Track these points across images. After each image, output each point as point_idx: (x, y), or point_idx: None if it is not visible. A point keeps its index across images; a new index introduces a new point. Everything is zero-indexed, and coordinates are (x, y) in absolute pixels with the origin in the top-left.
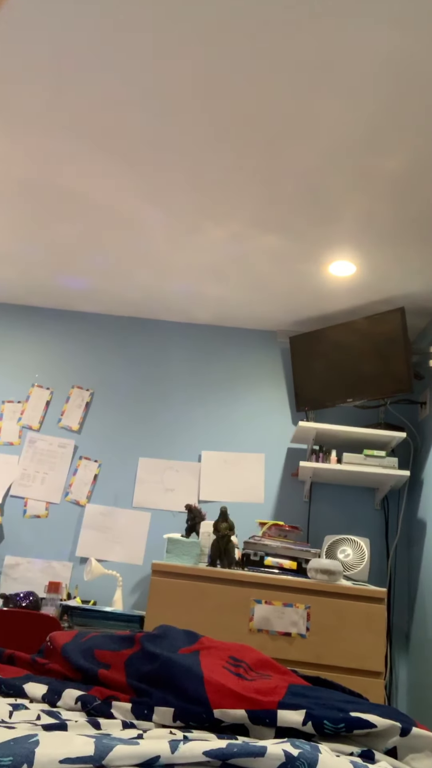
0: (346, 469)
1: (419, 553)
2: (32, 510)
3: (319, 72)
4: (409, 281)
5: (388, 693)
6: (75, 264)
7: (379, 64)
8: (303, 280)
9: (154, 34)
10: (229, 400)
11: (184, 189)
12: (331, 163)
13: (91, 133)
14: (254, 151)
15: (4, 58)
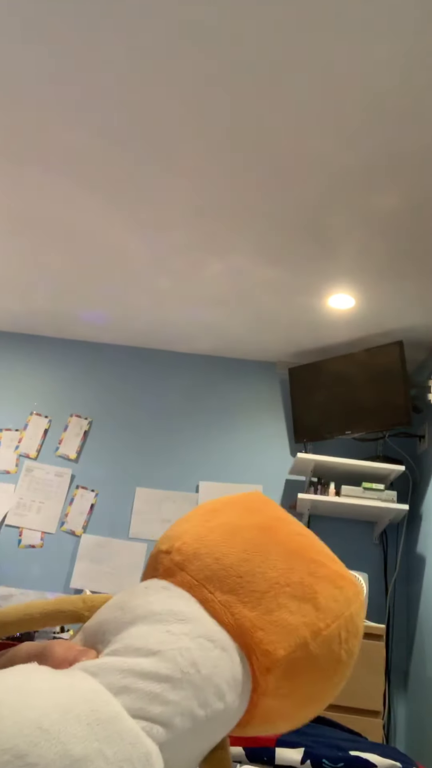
0: (345, 502)
1: (418, 589)
2: (27, 540)
3: (318, 111)
4: (407, 315)
5: (386, 733)
6: (77, 295)
7: (378, 103)
8: (302, 312)
9: (155, 68)
10: (228, 431)
11: (186, 223)
12: (330, 199)
13: (91, 169)
14: (255, 187)
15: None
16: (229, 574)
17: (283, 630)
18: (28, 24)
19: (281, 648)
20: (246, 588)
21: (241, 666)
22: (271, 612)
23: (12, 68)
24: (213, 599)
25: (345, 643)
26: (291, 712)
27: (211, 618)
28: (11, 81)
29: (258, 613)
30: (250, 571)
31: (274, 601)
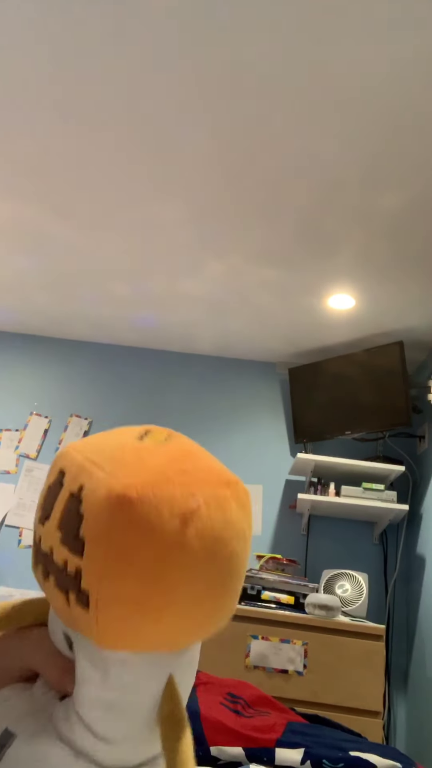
0: (345, 502)
1: (418, 589)
2: (27, 540)
3: (319, 111)
4: (407, 315)
5: (386, 733)
6: (77, 295)
7: (378, 103)
8: (302, 313)
9: (154, 68)
10: (228, 431)
11: (186, 224)
12: (330, 199)
13: (91, 169)
14: (254, 187)
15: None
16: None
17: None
18: (28, 25)
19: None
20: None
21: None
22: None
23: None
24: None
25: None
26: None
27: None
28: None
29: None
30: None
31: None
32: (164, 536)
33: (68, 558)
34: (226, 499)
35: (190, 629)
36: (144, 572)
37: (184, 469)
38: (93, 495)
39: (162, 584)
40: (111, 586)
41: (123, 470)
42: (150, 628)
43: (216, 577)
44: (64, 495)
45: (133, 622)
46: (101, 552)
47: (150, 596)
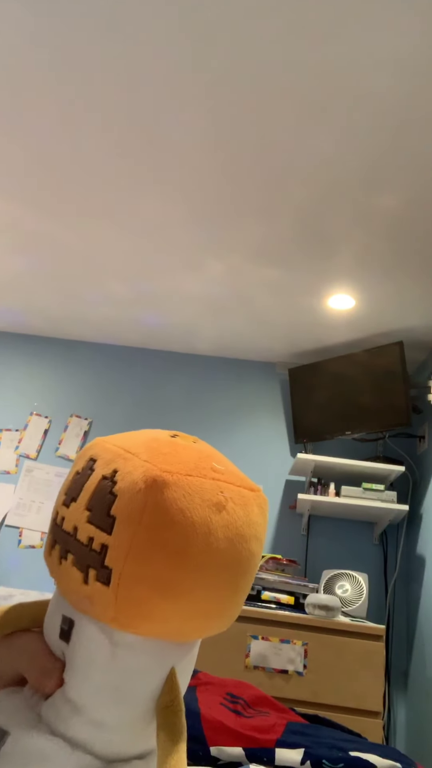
0: (345, 503)
1: (418, 589)
2: (27, 540)
3: (319, 111)
4: (407, 315)
5: (386, 733)
6: (77, 295)
7: (378, 103)
8: (302, 313)
9: (154, 67)
10: (228, 431)
11: (186, 224)
12: (330, 199)
13: (90, 169)
14: (254, 187)
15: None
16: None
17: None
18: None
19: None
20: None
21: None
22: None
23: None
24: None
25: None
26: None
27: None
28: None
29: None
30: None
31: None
32: (194, 521)
33: (95, 535)
34: (249, 500)
35: (201, 620)
36: (170, 553)
37: (214, 467)
38: (129, 476)
39: (185, 567)
40: (136, 564)
41: (159, 458)
42: (167, 611)
43: (234, 571)
44: (95, 478)
45: (152, 603)
46: (131, 530)
47: (172, 578)
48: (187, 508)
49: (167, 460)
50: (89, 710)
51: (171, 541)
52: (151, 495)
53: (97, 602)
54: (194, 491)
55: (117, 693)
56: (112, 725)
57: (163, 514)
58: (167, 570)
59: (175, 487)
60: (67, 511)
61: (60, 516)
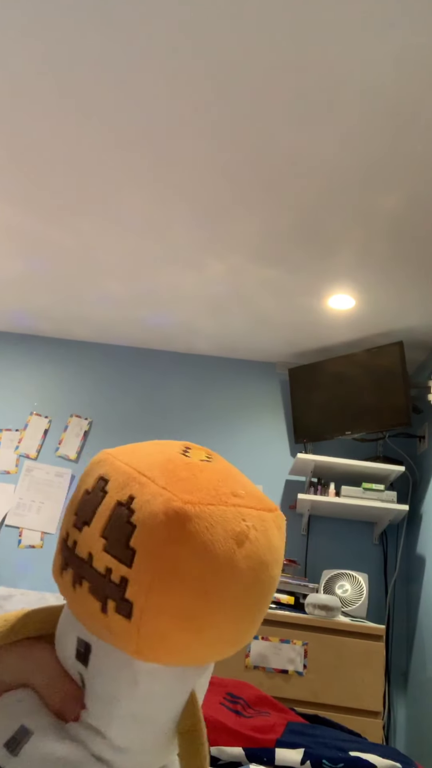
0: (345, 503)
1: (418, 589)
2: (27, 540)
3: (319, 111)
4: (407, 315)
5: (386, 733)
6: (76, 295)
7: (378, 103)
8: (302, 313)
9: (154, 68)
10: (228, 431)
11: (186, 224)
12: (330, 199)
13: (90, 170)
14: (254, 187)
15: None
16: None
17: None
18: (24, 21)
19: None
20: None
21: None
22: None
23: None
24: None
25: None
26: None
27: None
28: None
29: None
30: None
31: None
32: (217, 554)
33: (113, 566)
34: (270, 524)
35: (223, 646)
36: (193, 587)
37: (234, 491)
38: (148, 507)
39: (209, 601)
40: (159, 599)
41: (178, 485)
42: (190, 643)
43: (256, 598)
44: (109, 502)
45: (175, 635)
46: (153, 564)
47: (196, 611)
48: (210, 541)
49: (186, 488)
50: (112, 738)
51: (194, 576)
52: (173, 529)
53: (117, 634)
54: (217, 522)
55: (139, 720)
56: (133, 749)
57: (186, 548)
58: (190, 604)
59: (198, 520)
60: (79, 534)
61: (72, 539)
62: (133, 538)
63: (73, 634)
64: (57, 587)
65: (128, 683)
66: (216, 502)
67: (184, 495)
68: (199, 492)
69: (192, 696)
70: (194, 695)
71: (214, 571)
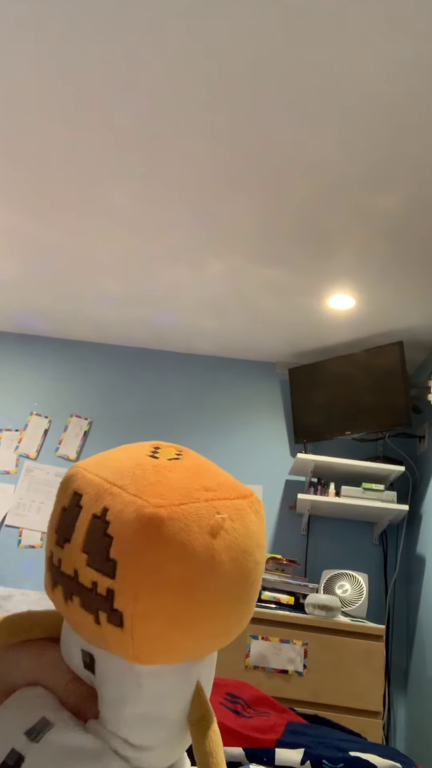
0: (345, 503)
1: (418, 589)
2: (27, 540)
3: (319, 111)
4: (407, 315)
5: (386, 733)
6: (77, 295)
7: (378, 103)
8: (302, 313)
9: (154, 69)
10: (228, 431)
11: (186, 224)
12: (329, 199)
13: (90, 169)
14: (254, 187)
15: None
16: None
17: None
18: (23, 22)
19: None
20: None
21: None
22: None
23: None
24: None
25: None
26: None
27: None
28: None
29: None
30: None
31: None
32: (196, 552)
33: (98, 579)
34: (246, 511)
35: (218, 637)
36: (178, 588)
37: (205, 485)
38: (121, 516)
39: (195, 598)
40: (146, 604)
41: (148, 490)
42: (184, 641)
43: (242, 586)
44: (85, 517)
45: (168, 636)
46: (135, 572)
47: (184, 610)
48: (187, 540)
49: (157, 491)
50: (128, 738)
51: (177, 577)
52: (148, 535)
53: (112, 642)
54: (191, 520)
55: (150, 719)
56: (148, 746)
57: (164, 552)
58: (178, 604)
59: (172, 522)
60: (62, 552)
61: (56, 557)
62: (113, 550)
63: (77, 646)
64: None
65: (133, 686)
66: (188, 501)
67: (155, 499)
68: (170, 494)
69: (198, 687)
70: (200, 686)
71: (196, 568)
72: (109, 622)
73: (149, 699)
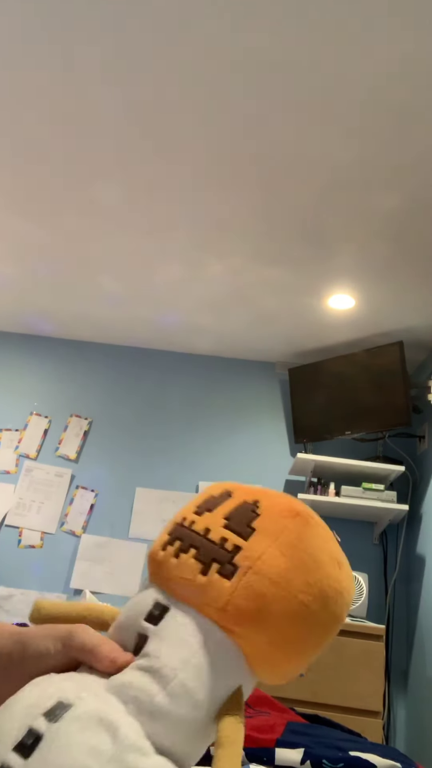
0: (345, 502)
1: (418, 589)
2: (27, 540)
3: (318, 111)
4: (407, 315)
5: (386, 733)
6: (77, 295)
7: (376, 104)
8: (302, 313)
9: (155, 69)
10: (228, 431)
11: (186, 224)
12: (329, 200)
13: (90, 169)
14: (254, 188)
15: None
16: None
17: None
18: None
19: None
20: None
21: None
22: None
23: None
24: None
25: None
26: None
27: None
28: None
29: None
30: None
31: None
32: (324, 562)
33: (230, 537)
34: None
35: (290, 652)
36: (298, 564)
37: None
38: (273, 504)
39: (309, 579)
40: (264, 566)
41: (294, 501)
42: (274, 612)
43: (337, 628)
44: (236, 500)
45: (263, 603)
46: (269, 539)
47: (291, 581)
48: (319, 539)
49: (300, 504)
50: (170, 677)
51: (300, 555)
52: (293, 520)
53: (209, 591)
54: (329, 538)
55: (188, 690)
56: (179, 716)
57: (297, 534)
58: (288, 573)
59: (313, 523)
60: (198, 517)
61: (188, 520)
62: (256, 522)
63: (150, 599)
64: (56, 588)
65: (197, 640)
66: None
67: (301, 506)
68: (308, 509)
69: (238, 689)
70: (240, 690)
71: (319, 567)
72: (219, 572)
73: (203, 657)
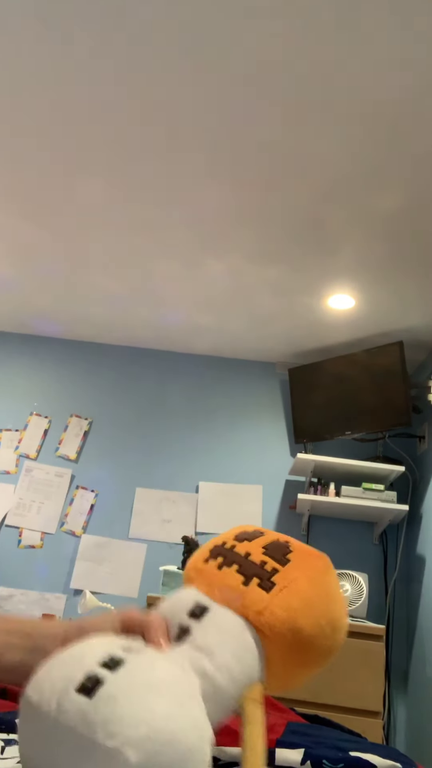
0: (345, 503)
1: (418, 589)
2: (27, 540)
3: (317, 110)
4: (407, 315)
5: (386, 733)
6: (77, 295)
7: (378, 103)
8: (302, 313)
9: (155, 69)
10: (228, 431)
11: (185, 224)
12: (330, 199)
13: (90, 168)
14: (254, 187)
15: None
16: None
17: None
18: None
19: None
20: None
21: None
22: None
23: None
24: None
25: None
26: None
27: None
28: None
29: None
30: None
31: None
32: (337, 589)
33: (269, 561)
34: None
35: (317, 643)
36: (321, 594)
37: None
38: (302, 546)
39: (326, 609)
40: (297, 588)
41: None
42: (299, 625)
43: (330, 649)
44: (269, 537)
45: (295, 614)
46: (300, 571)
47: (315, 606)
48: (335, 586)
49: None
50: (216, 653)
51: (326, 582)
52: (320, 559)
53: (250, 596)
54: (338, 583)
55: (237, 653)
56: (219, 684)
57: (323, 569)
58: (313, 593)
59: (334, 572)
60: (238, 543)
61: (229, 544)
62: (290, 555)
63: (191, 600)
64: (56, 588)
65: (237, 628)
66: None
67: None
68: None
69: (257, 686)
70: (259, 687)
71: (336, 599)
72: (259, 586)
73: (234, 651)
